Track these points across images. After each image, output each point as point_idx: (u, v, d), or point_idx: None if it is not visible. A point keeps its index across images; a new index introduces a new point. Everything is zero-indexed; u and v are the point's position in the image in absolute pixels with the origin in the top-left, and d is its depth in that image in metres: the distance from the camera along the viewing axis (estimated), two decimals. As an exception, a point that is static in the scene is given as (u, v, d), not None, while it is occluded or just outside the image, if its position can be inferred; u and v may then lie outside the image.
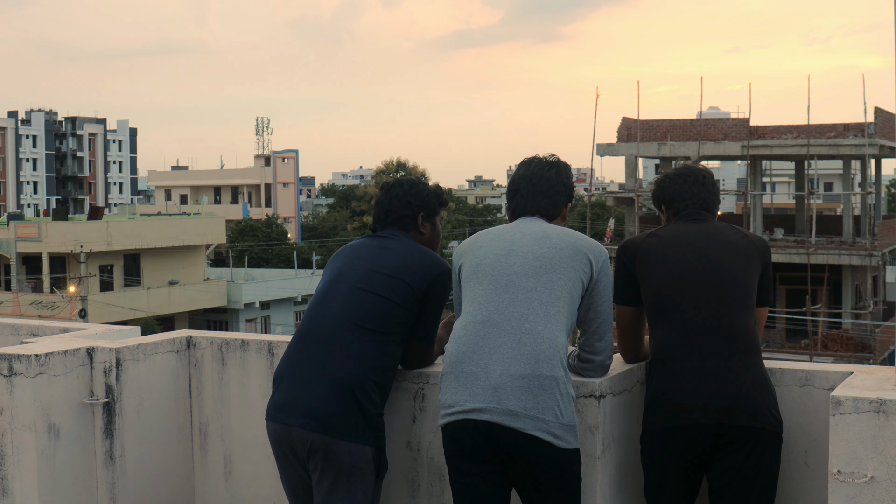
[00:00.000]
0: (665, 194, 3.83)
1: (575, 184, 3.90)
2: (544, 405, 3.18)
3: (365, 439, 3.51)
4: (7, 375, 4.13)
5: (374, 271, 3.64)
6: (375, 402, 3.54)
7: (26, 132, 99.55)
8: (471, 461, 3.28)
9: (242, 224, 66.44)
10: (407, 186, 3.86)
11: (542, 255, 3.36)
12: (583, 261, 3.37)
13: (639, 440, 3.62)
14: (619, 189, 42.71)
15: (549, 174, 3.62)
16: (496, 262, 3.40)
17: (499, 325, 3.28)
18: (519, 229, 3.50)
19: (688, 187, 3.77)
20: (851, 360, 27.02)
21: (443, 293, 3.67)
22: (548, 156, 3.68)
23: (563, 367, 3.25)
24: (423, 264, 3.66)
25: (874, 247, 30.92)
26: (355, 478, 3.51)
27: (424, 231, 3.86)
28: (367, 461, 3.52)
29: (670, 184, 3.81)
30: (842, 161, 36.13)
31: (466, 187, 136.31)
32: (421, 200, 3.85)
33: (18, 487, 4.15)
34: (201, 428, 4.55)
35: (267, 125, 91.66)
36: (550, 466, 3.22)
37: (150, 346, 4.42)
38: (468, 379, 3.25)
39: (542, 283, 3.31)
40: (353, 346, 3.53)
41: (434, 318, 3.70)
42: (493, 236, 3.52)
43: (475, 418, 3.21)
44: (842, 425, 3.13)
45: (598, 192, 49.32)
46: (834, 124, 33.02)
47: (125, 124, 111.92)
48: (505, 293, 3.33)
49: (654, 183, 3.93)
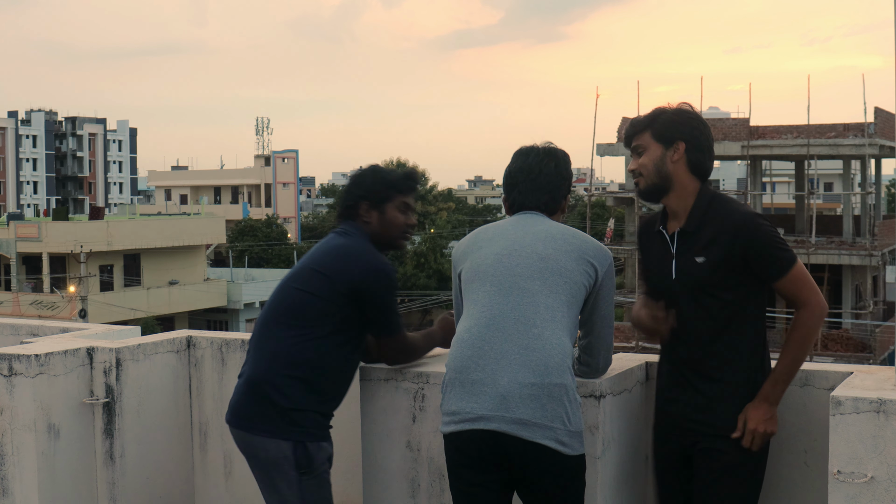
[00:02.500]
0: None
1: (575, 183, 3.85)
2: (553, 413, 3.12)
3: (279, 434, 3.52)
4: (7, 375, 4.13)
5: (308, 268, 3.64)
6: (290, 397, 3.52)
7: (26, 132, 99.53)
8: (475, 471, 3.21)
9: (242, 224, 66.41)
10: (353, 176, 3.79)
11: (547, 257, 3.26)
12: (588, 265, 3.29)
13: (639, 440, 3.62)
14: (619, 189, 42.71)
15: (547, 167, 3.47)
16: (497, 262, 3.29)
17: (504, 329, 3.18)
18: (521, 227, 3.38)
19: None
20: (851, 360, 27.01)
21: (378, 291, 3.55)
22: (544, 144, 3.53)
23: (571, 374, 3.19)
24: (348, 263, 3.57)
25: (874, 247, 30.92)
26: (276, 472, 3.54)
27: (370, 220, 3.69)
28: (284, 456, 3.52)
29: None
30: (842, 161, 36.14)
31: (466, 187, 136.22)
32: (363, 189, 3.70)
33: (18, 487, 4.15)
34: (201, 428, 4.55)
35: (267, 125, 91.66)
36: (557, 474, 3.17)
37: (150, 346, 4.42)
38: (474, 386, 3.16)
39: (547, 285, 3.22)
40: (269, 343, 3.59)
41: (382, 313, 3.60)
42: (493, 234, 3.40)
43: (483, 427, 3.14)
44: (842, 425, 3.13)
45: (598, 192, 49.31)
46: (834, 124, 33.01)
47: (125, 124, 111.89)
48: (509, 295, 3.23)
49: (674, 113, 3.51)
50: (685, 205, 3.44)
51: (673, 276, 3.42)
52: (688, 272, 3.39)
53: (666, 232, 3.48)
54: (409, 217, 3.75)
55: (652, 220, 3.61)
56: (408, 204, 3.74)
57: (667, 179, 3.42)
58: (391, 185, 3.70)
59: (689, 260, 3.39)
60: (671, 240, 3.45)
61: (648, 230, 3.60)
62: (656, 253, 3.52)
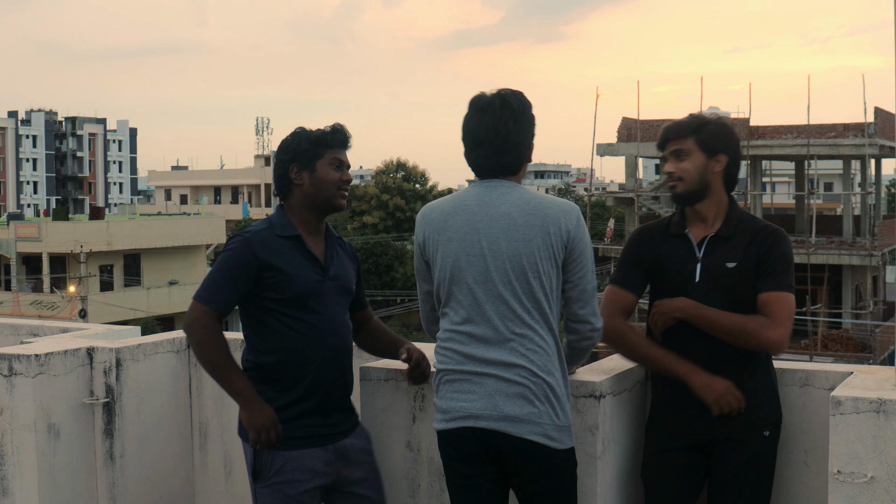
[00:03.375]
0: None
1: (574, 183, 3.83)
2: (540, 409, 3.17)
3: (242, 435, 3.46)
4: (7, 375, 4.13)
5: None
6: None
7: (26, 132, 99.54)
8: (469, 464, 3.28)
9: (242, 224, 66.34)
10: (279, 143, 3.58)
11: (514, 254, 3.20)
12: (554, 240, 3.22)
13: (639, 440, 3.62)
14: (619, 189, 42.70)
15: (505, 128, 3.28)
16: (469, 266, 3.24)
17: (487, 335, 3.22)
18: (486, 213, 3.27)
19: None
20: (851, 360, 27.00)
21: (220, 257, 3.45)
22: (500, 93, 3.30)
23: (558, 368, 3.23)
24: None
25: (874, 247, 30.92)
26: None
27: (302, 181, 3.48)
28: (248, 460, 3.45)
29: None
30: (842, 161, 36.13)
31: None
32: (289, 152, 3.49)
33: (18, 487, 4.15)
34: (201, 428, 4.55)
35: (267, 125, 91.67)
36: (546, 468, 3.22)
37: (150, 346, 4.42)
38: (463, 385, 3.23)
39: (521, 284, 3.20)
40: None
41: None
42: (462, 226, 3.28)
43: (472, 426, 3.21)
44: (842, 425, 3.13)
45: (598, 192, 49.31)
46: (834, 124, 33.02)
47: (125, 124, 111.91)
48: (487, 302, 3.22)
49: (719, 125, 3.56)
50: (716, 212, 3.54)
51: (696, 279, 3.49)
52: (715, 276, 3.48)
53: (692, 236, 3.54)
54: (344, 173, 3.53)
55: (657, 227, 3.67)
56: (340, 160, 3.52)
57: (706, 188, 3.52)
58: (318, 141, 3.48)
59: (719, 264, 3.48)
60: (698, 244, 3.53)
61: (653, 235, 3.65)
62: (673, 256, 3.56)
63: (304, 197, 3.50)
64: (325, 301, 3.48)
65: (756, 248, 3.46)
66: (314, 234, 3.54)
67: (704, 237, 3.53)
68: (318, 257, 3.51)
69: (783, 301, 3.41)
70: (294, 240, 3.47)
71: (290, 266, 3.42)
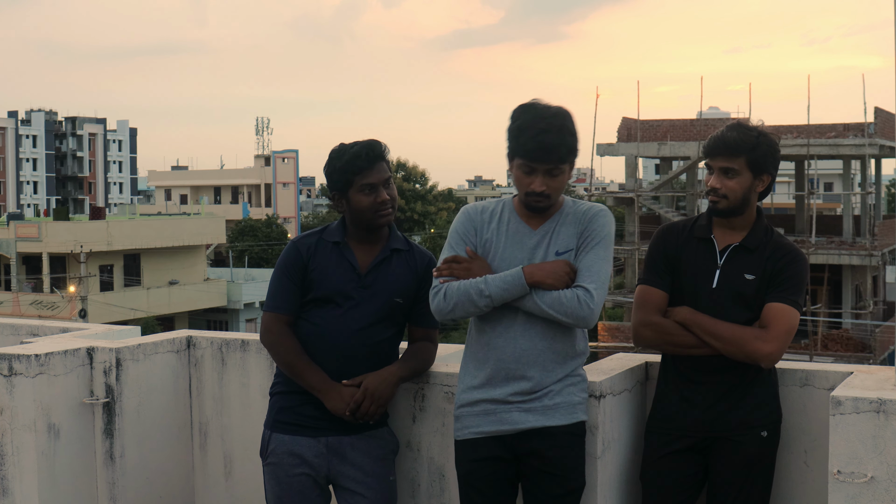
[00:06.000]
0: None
1: (574, 183, 3.85)
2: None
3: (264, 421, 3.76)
4: (7, 375, 4.13)
5: None
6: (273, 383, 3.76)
7: (26, 132, 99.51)
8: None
9: (242, 224, 66.38)
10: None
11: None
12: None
13: (639, 440, 3.61)
14: (619, 189, 42.69)
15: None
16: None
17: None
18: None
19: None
20: (851, 360, 27.01)
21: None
22: (553, 110, 3.28)
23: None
24: None
25: (874, 247, 30.91)
26: None
27: (343, 209, 3.67)
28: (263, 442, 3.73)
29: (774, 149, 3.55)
30: (842, 161, 36.12)
31: (466, 187, 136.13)
32: (328, 182, 3.67)
33: (18, 487, 4.15)
34: (201, 428, 4.55)
35: (267, 125, 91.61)
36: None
37: (150, 346, 4.42)
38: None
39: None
40: None
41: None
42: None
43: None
44: (842, 425, 3.13)
45: (598, 192, 49.30)
46: (834, 124, 33.02)
47: (125, 124, 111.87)
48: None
49: (770, 146, 3.53)
50: (744, 222, 3.56)
51: (714, 285, 3.50)
52: (732, 284, 3.49)
53: (716, 242, 3.56)
54: (378, 195, 3.57)
55: (682, 227, 3.66)
56: (370, 184, 3.56)
57: (746, 204, 3.53)
58: (346, 170, 3.56)
59: (737, 274, 3.49)
60: (721, 251, 3.54)
61: (678, 234, 3.64)
62: (694, 258, 3.57)
63: (349, 215, 3.67)
64: (352, 306, 3.59)
65: (773, 264, 3.48)
66: (364, 243, 3.68)
67: (729, 245, 3.54)
68: (359, 264, 3.62)
69: (784, 314, 3.40)
70: (337, 245, 3.65)
71: (324, 267, 3.61)
